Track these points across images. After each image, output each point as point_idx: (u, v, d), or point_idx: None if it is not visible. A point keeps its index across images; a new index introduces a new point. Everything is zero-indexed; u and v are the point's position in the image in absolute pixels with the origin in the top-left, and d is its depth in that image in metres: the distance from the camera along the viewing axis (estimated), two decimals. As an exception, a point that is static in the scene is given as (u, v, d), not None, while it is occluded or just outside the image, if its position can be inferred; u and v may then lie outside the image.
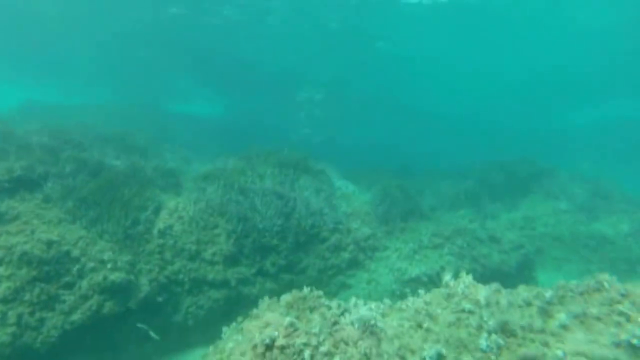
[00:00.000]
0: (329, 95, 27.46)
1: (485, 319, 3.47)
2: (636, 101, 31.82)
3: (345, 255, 8.43)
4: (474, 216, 10.82)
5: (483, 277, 8.56)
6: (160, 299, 6.85)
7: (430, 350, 3.34)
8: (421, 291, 4.34)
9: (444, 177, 18.72)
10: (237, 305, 7.45)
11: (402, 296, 7.73)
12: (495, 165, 17.83)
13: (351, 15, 18.82)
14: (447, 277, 4.18)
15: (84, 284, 5.96)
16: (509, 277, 9.28)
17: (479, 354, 3.24)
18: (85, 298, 5.90)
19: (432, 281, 8.04)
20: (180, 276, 7.18)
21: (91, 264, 6.20)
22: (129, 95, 30.10)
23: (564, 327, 3.37)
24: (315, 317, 3.76)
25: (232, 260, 7.50)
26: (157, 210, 7.64)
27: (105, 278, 6.11)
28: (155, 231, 7.29)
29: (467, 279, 4.15)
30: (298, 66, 25.65)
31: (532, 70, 27.90)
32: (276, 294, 7.87)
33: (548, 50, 23.89)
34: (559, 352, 3.06)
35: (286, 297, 4.20)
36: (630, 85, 28.34)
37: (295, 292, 4.20)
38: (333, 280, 8.24)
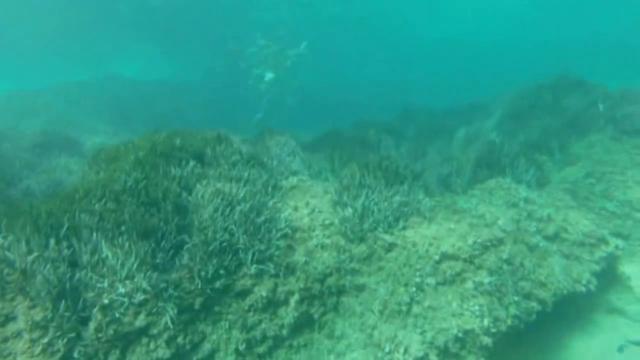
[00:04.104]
0: (292, 35, 22.23)
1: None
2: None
3: (287, 314, 4.71)
4: (509, 191, 6.69)
5: (542, 319, 4.74)
6: None
7: None
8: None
9: (459, 122, 14.21)
10: None
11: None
12: (529, 95, 13.08)
13: None
14: None
15: None
16: (586, 298, 5.43)
17: None
18: None
19: (448, 355, 4.26)
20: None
21: None
22: (76, 71, 26.02)
23: None
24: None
25: (55, 376, 3.95)
26: None
27: None
28: None
29: None
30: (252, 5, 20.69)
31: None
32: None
33: None
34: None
35: None
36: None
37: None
38: (269, 360, 4.64)
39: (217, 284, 4.60)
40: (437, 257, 4.82)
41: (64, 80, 22.40)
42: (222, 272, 4.63)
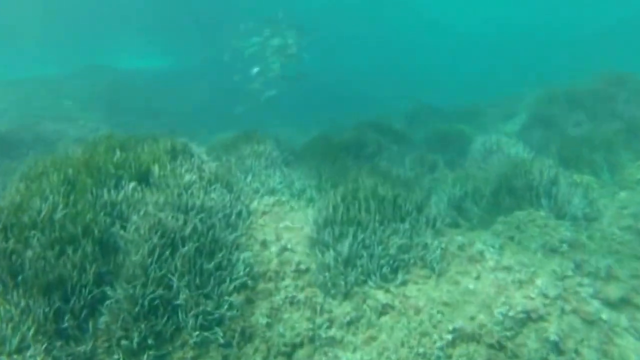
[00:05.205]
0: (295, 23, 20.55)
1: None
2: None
3: (238, 400, 3.51)
4: (546, 229, 5.22)
5: None
6: None
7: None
8: None
9: (476, 126, 12.57)
10: None
11: None
12: (562, 95, 11.29)
13: None
14: None
15: None
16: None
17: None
18: None
19: None
20: None
21: None
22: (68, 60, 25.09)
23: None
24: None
25: None
26: None
27: None
28: None
29: None
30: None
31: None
32: None
33: None
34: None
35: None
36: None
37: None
38: None
39: (145, 357, 3.42)
40: (449, 337, 3.50)
41: (47, 72, 21.37)
42: (151, 341, 3.45)
